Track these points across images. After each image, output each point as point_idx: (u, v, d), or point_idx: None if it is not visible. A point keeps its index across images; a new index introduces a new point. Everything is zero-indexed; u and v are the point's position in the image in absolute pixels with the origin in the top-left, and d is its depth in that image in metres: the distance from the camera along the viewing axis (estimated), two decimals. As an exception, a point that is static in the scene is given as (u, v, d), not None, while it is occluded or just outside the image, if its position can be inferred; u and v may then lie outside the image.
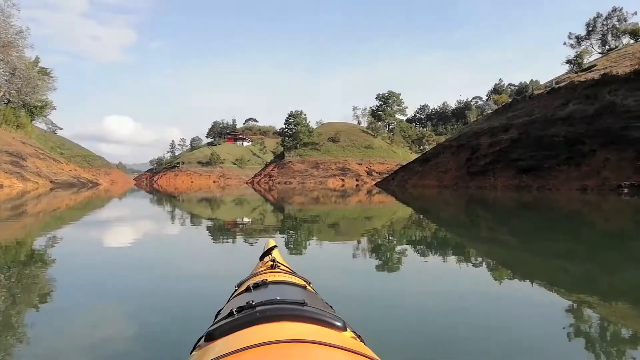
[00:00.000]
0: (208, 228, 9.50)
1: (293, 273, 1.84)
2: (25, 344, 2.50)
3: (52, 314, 3.05)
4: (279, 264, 1.91)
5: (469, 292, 3.77)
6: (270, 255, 2.08)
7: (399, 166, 63.35)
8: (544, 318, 3.04)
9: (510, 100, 45.09)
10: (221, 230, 8.80)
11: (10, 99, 38.58)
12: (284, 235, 7.88)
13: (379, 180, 59.66)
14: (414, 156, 74.79)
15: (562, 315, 3.11)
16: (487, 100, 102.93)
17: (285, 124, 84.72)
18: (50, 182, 32.83)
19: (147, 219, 11.95)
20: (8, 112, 38.20)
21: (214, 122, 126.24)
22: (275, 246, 2.18)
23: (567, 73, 41.44)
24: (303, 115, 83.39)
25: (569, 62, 43.05)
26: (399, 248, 6.47)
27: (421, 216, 13.07)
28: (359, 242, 7.31)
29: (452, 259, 5.57)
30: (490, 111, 56.86)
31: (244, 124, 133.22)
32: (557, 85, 35.48)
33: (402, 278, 4.44)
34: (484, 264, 5.33)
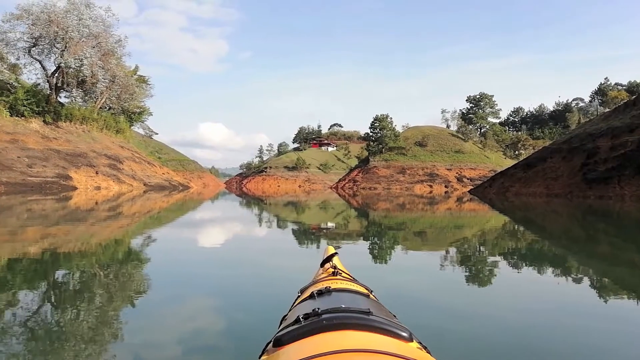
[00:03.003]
0: (288, 232, 9.70)
1: (354, 280, 1.84)
2: (120, 338, 2.68)
3: (138, 309, 3.26)
4: (340, 271, 1.92)
5: (568, 310, 3.47)
6: (331, 262, 2.09)
7: (493, 172, 59.69)
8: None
9: (633, 97, 39.82)
10: (300, 234, 8.93)
11: (111, 105, 41.19)
12: (367, 241, 7.96)
13: (470, 186, 56.55)
14: (509, 162, 70.35)
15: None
16: (590, 101, 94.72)
17: (370, 128, 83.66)
18: (144, 184, 34.36)
19: (235, 221, 12.60)
20: (109, 117, 40.85)
21: (299, 128, 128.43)
22: (336, 253, 2.17)
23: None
24: (389, 119, 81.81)
25: None
26: (484, 259, 6.14)
27: (521, 227, 11.98)
28: (436, 250, 7.04)
29: (551, 274, 5.14)
30: (597, 112, 51.41)
31: (328, 129, 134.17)
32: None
33: (482, 290, 4.19)
34: (594, 282, 4.77)
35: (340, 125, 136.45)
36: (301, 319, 1.17)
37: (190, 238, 8.01)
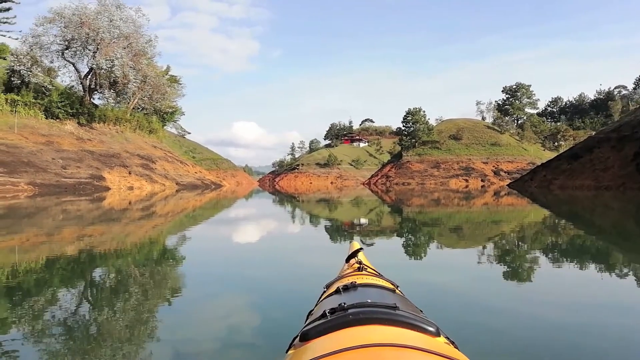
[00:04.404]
0: (319, 229, 9.75)
1: (380, 276, 1.84)
2: (156, 334, 2.77)
3: (172, 307, 3.34)
4: (365, 267, 1.93)
5: (607, 307, 3.34)
6: (356, 258, 2.10)
7: (531, 165, 58.26)
8: None
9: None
10: (331, 231, 8.92)
11: (144, 106, 42.05)
12: (400, 237, 7.96)
13: (508, 180, 55.25)
14: (548, 153, 68.46)
15: None
16: (635, 88, 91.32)
17: (402, 122, 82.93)
18: (176, 184, 34.94)
19: (268, 218, 12.80)
20: (142, 118, 41.73)
21: (331, 124, 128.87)
22: (361, 248, 2.19)
23: None
24: (422, 113, 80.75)
25: None
26: (518, 255, 5.95)
27: (563, 221, 11.54)
28: (468, 246, 6.91)
29: (595, 271, 4.96)
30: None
31: (360, 125, 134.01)
32: None
33: (514, 286, 4.13)
34: None
35: (371, 121, 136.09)
36: (327, 314, 1.18)
37: (223, 236, 8.17)
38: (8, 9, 40.77)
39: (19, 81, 31.22)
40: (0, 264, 4.99)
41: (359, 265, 1.95)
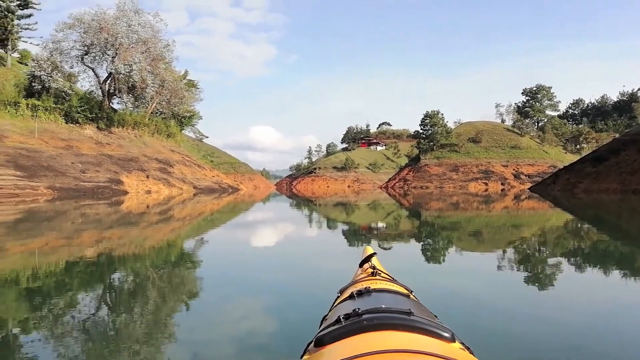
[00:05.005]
0: (337, 233, 9.71)
1: (394, 281, 1.84)
2: (172, 336, 2.79)
3: (189, 310, 3.38)
4: (379, 272, 1.93)
5: (629, 314, 3.28)
6: (369, 263, 2.11)
7: (553, 168, 57.48)
8: None
9: None
10: (349, 235, 8.92)
11: (162, 110, 42.47)
12: (418, 242, 7.92)
13: (529, 184, 54.53)
14: (570, 156, 67.44)
15: None
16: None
17: (420, 125, 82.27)
18: (194, 187, 35.20)
19: (285, 222, 12.80)
20: (160, 122, 42.19)
21: (348, 128, 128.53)
22: (375, 253, 2.18)
23: None
24: (440, 115, 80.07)
25: None
26: (537, 259, 5.90)
27: (588, 226, 11.32)
28: (485, 251, 6.83)
29: (617, 276, 4.88)
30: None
31: (377, 128, 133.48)
32: None
33: (531, 291, 4.08)
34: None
35: (389, 124, 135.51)
36: (342, 319, 1.19)
37: (240, 240, 8.22)
38: (29, 16, 41.70)
39: (40, 86, 31.82)
40: (21, 267, 5.10)
41: (372, 270, 1.95)
